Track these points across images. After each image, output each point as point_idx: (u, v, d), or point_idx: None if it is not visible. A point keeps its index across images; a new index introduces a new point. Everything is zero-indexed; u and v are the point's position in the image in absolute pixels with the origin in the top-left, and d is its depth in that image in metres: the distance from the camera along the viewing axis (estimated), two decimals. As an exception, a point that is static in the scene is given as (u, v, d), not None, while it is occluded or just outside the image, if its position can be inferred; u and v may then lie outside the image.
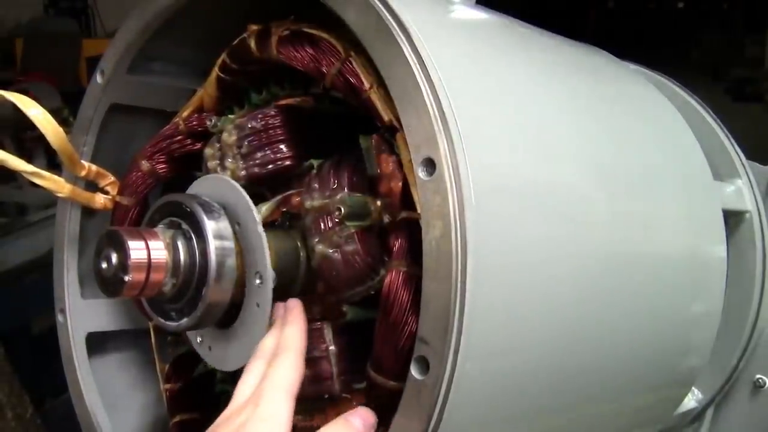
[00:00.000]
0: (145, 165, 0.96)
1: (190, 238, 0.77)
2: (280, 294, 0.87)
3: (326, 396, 0.80)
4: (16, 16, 5.17)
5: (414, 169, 0.64)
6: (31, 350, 2.03)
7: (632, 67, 1.15)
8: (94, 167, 0.97)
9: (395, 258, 0.71)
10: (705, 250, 0.95)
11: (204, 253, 0.75)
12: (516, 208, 0.66)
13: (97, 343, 0.99)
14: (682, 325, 0.92)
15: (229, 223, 0.77)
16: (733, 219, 1.11)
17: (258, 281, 0.76)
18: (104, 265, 0.75)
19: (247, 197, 0.78)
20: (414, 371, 0.63)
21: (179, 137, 0.95)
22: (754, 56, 4.97)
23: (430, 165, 0.63)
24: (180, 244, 0.76)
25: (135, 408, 0.99)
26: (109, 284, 0.75)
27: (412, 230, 0.68)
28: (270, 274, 0.75)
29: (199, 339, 0.86)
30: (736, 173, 1.12)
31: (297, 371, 0.71)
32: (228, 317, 0.82)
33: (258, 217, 0.76)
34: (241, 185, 0.86)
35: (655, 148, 0.91)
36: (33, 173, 0.91)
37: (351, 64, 0.76)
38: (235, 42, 0.87)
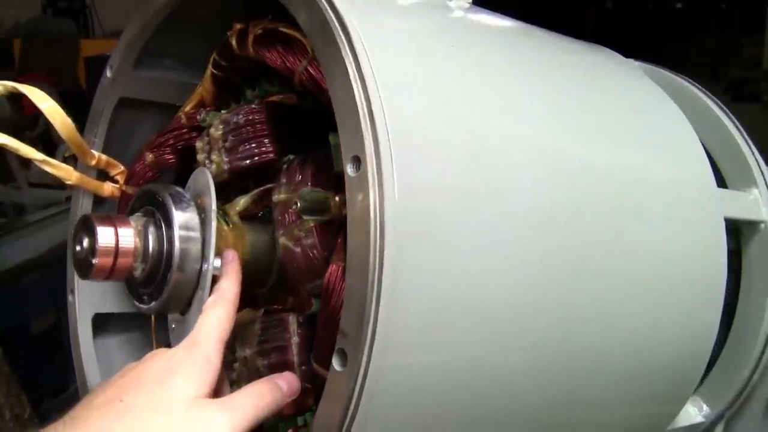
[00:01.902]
0: (149, 156, 1.01)
1: (160, 226, 0.80)
2: (255, 284, 0.90)
3: (288, 385, 0.83)
4: (14, 16, 5.23)
5: (344, 166, 0.66)
6: (29, 350, 2.08)
7: (648, 67, 1.13)
8: (104, 157, 1.02)
9: (336, 252, 0.73)
10: (696, 260, 0.92)
11: (170, 241, 0.79)
12: (447, 206, 0.66)
13: (102, 323, 1.05)
14: (664, 338, 0.89)
15: (197, 213, 0.81)
16: (747, 229, 1.08)
17: (205, 266, 0.79)
18: (78, 248, 0.80)
19: (211, 186, 0.81)
20: (335, 362, 0.65)
21: (181, 130, 1.00)
22: (753, 56, 4.87)
23: (357, 162, 0.64)
24: (150, 232, 0.80)
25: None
26: (81, 266, 0.80)
27: None
28: (211, 262, 0.78)
29: (173, 325, 0.89)
30: (752, 181, 1.08)
31: (228, 319, 0.75)
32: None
33: (213, 206, 0.79)
34: (224, 178, 0.90)
35: (640, 147, 0.89)
36: (43, 161, 0.97)
37: (317, 62, 0.78)
38: (223, 40, 0.91)
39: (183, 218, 0.80)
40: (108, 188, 1.03)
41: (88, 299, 1.04)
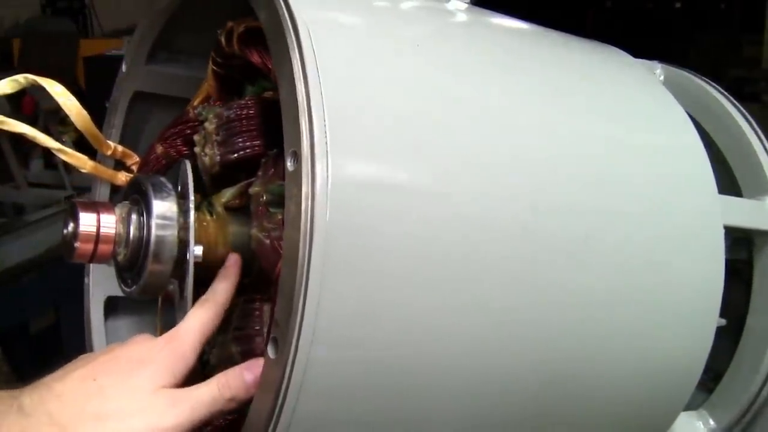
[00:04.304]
0: (159, 148, 1.06)
1: (142, 213, 0.85)
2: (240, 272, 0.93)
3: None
4: (13, 16, 5.25)
5: (285, 160, 0.67)
6: (29, 350, 2.11)
7: (665, 67, 1.10)
8: (120, 147, 1.08)
9: (288, 245, 0.74)
10: (685, 268, 0.89)
11: (148, 228, 0.83)
12: (385, 204, 0.67)
13: (114, 306, 1.10)
14: (643, 354, 0.87)
15: (176, 203, 0.84)
16: (758, 239, 1.03)
17: (188, 255, 0.83)
18: (65, 231, 0.85)
19: (189, 177, 0.84)
20: (269, 351, 0.67)
21: (189, 123, 1.04)
22: (751, 56, 4.69)
23: (295, 157, 0.66)
24: (132, 219, 0.85)
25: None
26: (65, 248, 0.85)
27: None
28: (192, 248, 0.81)
29: (180, 314, 0.94)
30: (767, 190, 1.03)
31: (213, 319, 0.80)
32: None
33: (191, 196, 0.83)
34: (217, 171, 0.94)
35: (622, 146, 0.87)
36: (59, 150, 1.03)
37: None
38: (216, 38, 0.94)
39: (161, 207, 0.84)
40: (122, 177, 1.09)
41: (101, 282, 1.10)
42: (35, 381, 0.76)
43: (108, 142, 1.07)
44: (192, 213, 0.83)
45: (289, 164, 0.67)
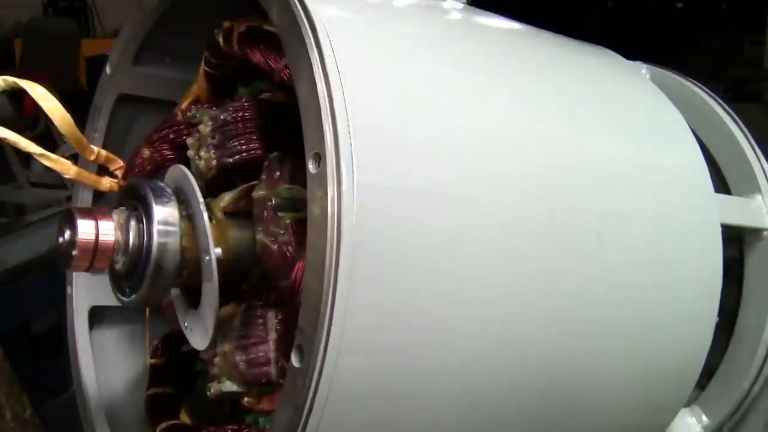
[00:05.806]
0: (146, 152, 1.02)
1: (141, 220, 0.82)
2: (239, 278, 0.90)
3: (264, 381, 0.83)
4: (15, 16, 5.25)
5: (306, 163, 0.66)
6: (30, 350, 2.07)
7: (653, 69, 1.11)
8: (103, 152, 1.04)
9: (304, 249, 0.72)
10: (688, 266, 0.90)
11: (150, 235, 0.80)
12: (411, 207, 0.66)
13: (99, 316, 1.07)
14: (651, 349, 0.87)
15: (177, 208, 0.82)
16: (749, 236, 1.05)
17: (207, 258, 0.80)
18: (60, 240, 0.82)
19: (194, 182, 0.82)
20: (293, 358, 0.65)
21: (177, 127, 1.01)
22: (753, 56, 4.88)
23: (318, 159, 0.64)
24: (131, 226, 0.82)
25: (126, 380, 1.05)
26: (62, 257, 0.81)
27: None
28: (213, 251, 0.79)
29: (185, 324, 0.91)
30: (756, 188, 1.05)
31: None
32: (197, 298, 0.87)
33: (201, 200, 0.80)
34: (213, 175, 0.91)
35: (628, 146, 0.87)
36: (41, 155, 0.99)
37: (295, 60, 0.78)
38: (212, 38, 0.92)
39: (162, 213, 0.81)
40: (106, 183, 1.05)
41: (85, 291, 1.06)
42: (35, 381, 0.69)
43: (91, 146, 1.03)
44: (205, 214, 0.81)
45: (311, 166, 0.65)
